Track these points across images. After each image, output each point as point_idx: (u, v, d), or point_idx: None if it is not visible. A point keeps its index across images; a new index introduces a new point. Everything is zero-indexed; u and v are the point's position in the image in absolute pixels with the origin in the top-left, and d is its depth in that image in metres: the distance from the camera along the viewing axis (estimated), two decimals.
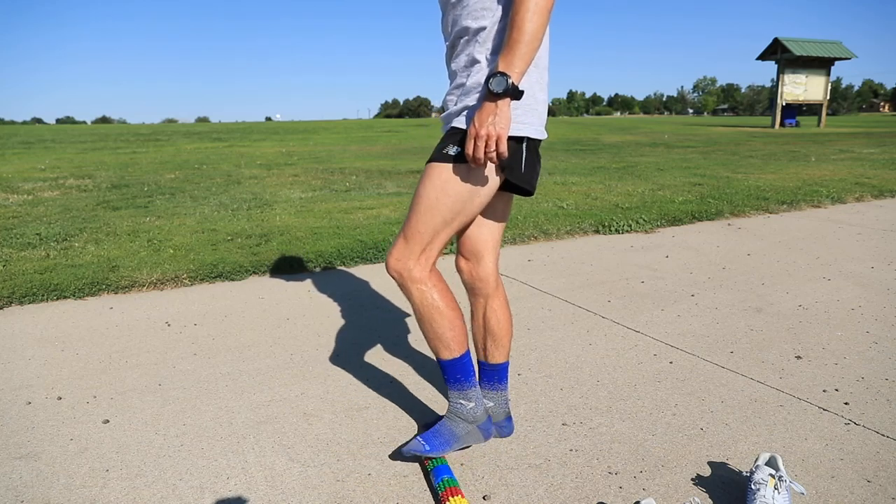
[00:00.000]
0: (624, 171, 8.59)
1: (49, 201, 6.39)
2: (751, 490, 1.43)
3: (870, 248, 4.09)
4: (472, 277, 1.68)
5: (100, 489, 1.58)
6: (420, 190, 1.49)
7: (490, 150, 1.35)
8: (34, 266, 3.63)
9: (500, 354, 1.73)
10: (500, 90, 1.30)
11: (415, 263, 1.51)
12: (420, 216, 1.48)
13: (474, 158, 1.37)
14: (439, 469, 1.57)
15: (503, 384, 1.76)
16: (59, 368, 2.33)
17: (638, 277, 3.48)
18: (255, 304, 3.10)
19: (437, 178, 1.46)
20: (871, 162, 9.55)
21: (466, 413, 1.63)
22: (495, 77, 1.31)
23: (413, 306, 1.55)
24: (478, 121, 1.34)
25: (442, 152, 1.47)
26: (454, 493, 1.48)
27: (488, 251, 1.67)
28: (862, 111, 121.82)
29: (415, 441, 1.62)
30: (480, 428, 1.65)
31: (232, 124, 63.33)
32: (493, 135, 1.33)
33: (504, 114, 1.33)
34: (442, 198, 1.46)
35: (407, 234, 1.51)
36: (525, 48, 1.32)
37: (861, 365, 2.27)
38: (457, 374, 1.60)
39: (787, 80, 24.99)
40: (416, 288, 1.52)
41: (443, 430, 1.63)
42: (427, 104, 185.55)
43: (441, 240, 1.51)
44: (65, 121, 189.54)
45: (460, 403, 1.63)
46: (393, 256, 1.53)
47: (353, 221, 4.96)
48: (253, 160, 11.49)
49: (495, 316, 1.70)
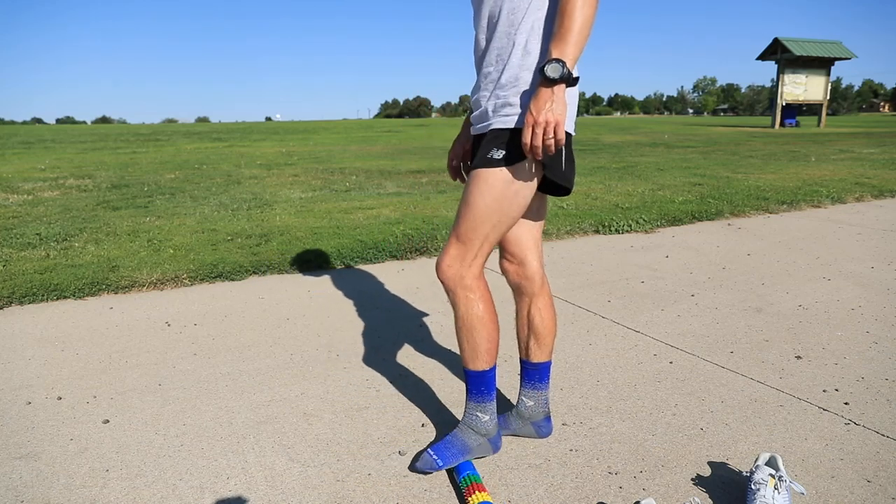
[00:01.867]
0: (624, 171, 8.59)
1: (49, 201, 6.39)
2: (751, 490, 1.43)
3: (870, 248, 4.09)
4: (519, 277, 1.69)
5: (100, 489, 1.58)
6: (468, 197, 1.49)
7: (549, 138, 1.34)
8: (34, 266, 3.63)
9: (542, 353, 1.73)
10: (557, 76, 1.30)
11: (467, 270, 1.52)
12: (470, 223, 1.49)
13: (532, 147, 1.36)
14: (463, 465, 1.58)
15: (544, 384, 1.76)
16: (59, 368, 2.33)
17: (638, 277, 3.48)
18: (255, 304, 3.10)
19: (485, 184, 1.46)
20: (871, 162, 9.55)
21: (481, 426, 1.63)
22: (551, 63, 1.30)
23: (456, 313, 1.56)
24: (535, 108, 1.33)
25: (487, 157, 1.46)
26: (478, 489, 1.49)
27: (531, 250, 1.68)
28: (862, 111, 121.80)
29: (426, 456, 1.62)
30: (491, 441, 1.66)
31: (232, 124, 63.34)
32: (551, 121, 1.32)
33: (561, 100, 1.33)
34: (491, 203, 1.46)
35: (458, 241, 1.51)
36: (578, 36, 1.32)
37: (861, 365, 2.27)
38: (481, 387, 1.61)
39: (787, 80, 24.98)
40: (465, 296, 1.53)
41: (455, 442, 1.64)
42: (427, 104, 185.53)
43: (490, 244, 1.52)
44: (65, 121, 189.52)
45: (476, 416, 1.63)
46: (444, 263, 1.53)
47: (353, 221, 4.96)
48: (253, 160, 11.49)
49: (539, 314, 1.71)
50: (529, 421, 1.76)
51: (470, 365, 1.59)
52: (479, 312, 1.54)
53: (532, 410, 1.75)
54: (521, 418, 1.76)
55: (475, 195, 1.47)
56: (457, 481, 1.56)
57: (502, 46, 1.45)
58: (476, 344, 1.56)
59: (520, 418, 1.76)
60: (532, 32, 1.42)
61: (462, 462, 1.60)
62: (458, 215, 1.52)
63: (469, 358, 1.59)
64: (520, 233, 1.66)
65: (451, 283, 1.53)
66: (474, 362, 1.58)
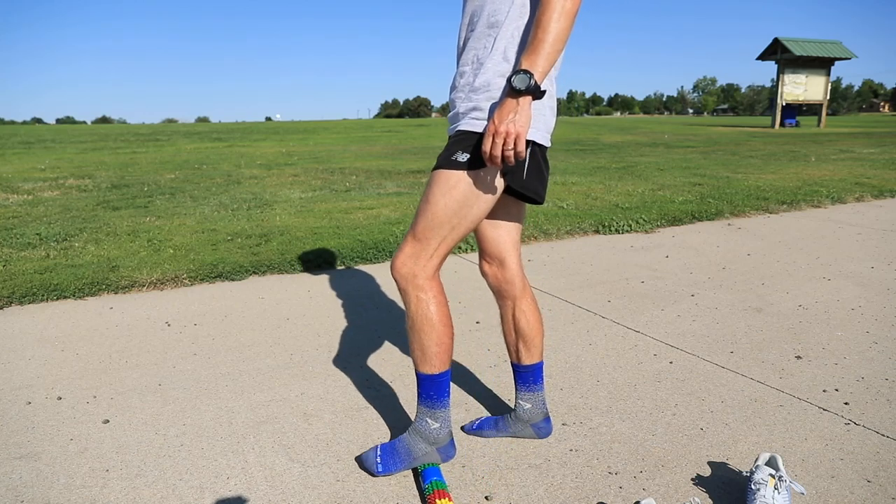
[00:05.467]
0: (624, 171, 8.59)
1: (49, 201, 6.39)
2: (751, 490, 1.43)
3: (870, 248, 4.09)
4: (498, 280, 1.68)
5: (100, 489, 1.58)
6: (428, 196, 1.48)
7: (508, 149, 1.33)
8: (34, 266, 3.63)
9: (532, 355, 1.72)
10: (523, 87, 1.29)
11: (421, 269, 1.50)
12: (428, 222, 1.47)
13: (491, 156, 1.35)
14: (428, 471, 1.56)
15: (538, 385, 1.75)
16: (59, 368, 2.33)
17: (638, 277, 3.48)
18: (255, 304, 3.10)
19: (445, 185, 1.45)
20: (871, 162, 9.55)
21: (430, 433, 1.60)
22: (518, 74, 1.29)
23: (407, 312, 1.55)
24: (498, 118, 1.32)
25: (451, 159, 1.45)
26: (441, 495, 1.47)
27: (509, 252, 1.67)
28: (862, 111, 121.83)
29: (371, 454, 1.62)
30: (440, 450, 1.61)
31: (232, 124, 63.31)
32: (512, 132, 1.31)
33: (525, 112, 1.32)
34: (451, 204, 1.45)
35: (414, 240, 1.50)
36: (550, 48, 1.31)
37: (861, 365, 2.27)
38: (430, 392, 1.58)
39: (787, 80, 24.99)
40: (417, 296, 1.51)
41: (400, 448, 1.62)
42: (427, 104, 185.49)
43: (447, 245, 1.51)
44: (65, 121, 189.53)
45: (426, 422, 1.60)
46: (399, 260, 1.52)
47: (353, 221, 4.96)
48: (253, 160, 11.49)
49: (524, 317, 1.69)
50: (529, 423, 1.75)
51: (419, 367, 1.57)
52: (429, 314, 1.52)
53: (531, 413, 1.75)
54: (520, 421, 1.76)
55: (437, 195, 1.46)
56: (422, 487, 1.54)
57: (480, 49, 1.44)
58: (424, 346, 1.54)
59: (519, 421, 1.76)
60: (511, 40, 1.41)
61: (430, 466, 1.58)
62: (418, 213, 1.50)
63: (418, 360, 1.56)
64: (499, 234, 1.65)
65: (404, 281, 1.52)
66: (423, 365, 1.56)
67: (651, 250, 4.15)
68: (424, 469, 1.58)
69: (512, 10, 1.41)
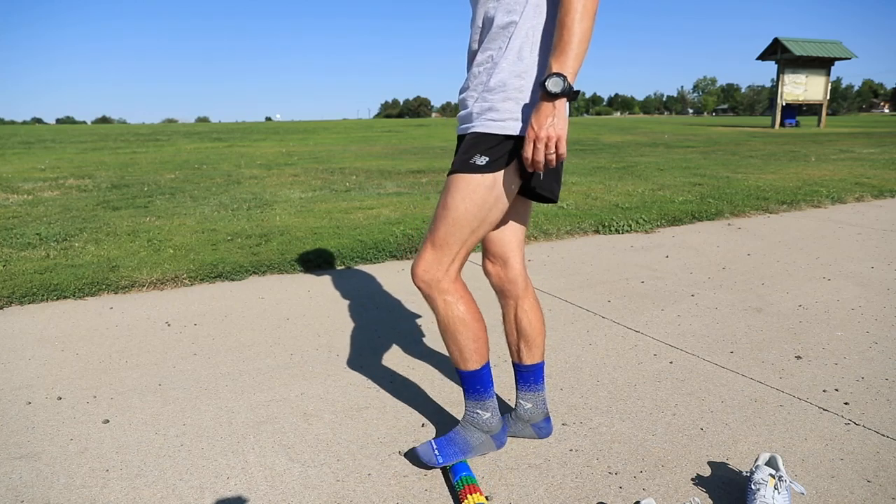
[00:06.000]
0: (624, 171, 8.59)
1: (49, 201, 6.39)
2: (751, 490, 1.43)
3: (870, 248, 4.09)
4: (501, 280, 1.69)
5: (100, 489, 1.58)
6: (447, 202, 1.47)
7: (550, 153, 1.33)
8: (34, 266, 3.63)
9: (534, 355, 1.73)
10: (558, 90, 1.30)
11: (444, 274, 1.51)
12: (447, 227, 1.47)
13: (534, 162, 1.35)
14: (458, 467, 1.58)
15: (540, 385, 1.75)
16: (59, 368, 2.33)
17: (638, 277, 3.48)
18: (255, 304, 3.10)
19: (465, 189, 1.44)
20: (871, 162, 9.55)
21: (483, 423, 1.63)
22: (552, 77, 1.30)
23: (437, 317, 1.55)
24: (536, 123, 1.33)
25: (469, 162, 1.44)
26: (472, 490, 1.48)
27: (513, 253, 1.67)
28: (862, 111, 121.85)
29: (427, 448, 1.62)
30: (494, 438, 1.66)
31: (232, 124, 63.28)
32: (553, 136, 1.32)
33: (562, 114, 1.32)
34: (471, 208, 1.45)
35: (434, 246, 1.49)
36: (577, 49, 1.31)
37: (861, 365, 2.27)
38: (476, 385, 1.61)
39: (787, 80, 24.98)
40: (443, 299, 1.52)
41: (457, 439, 1.63)
42: (427, 104, 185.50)
43: (467, 248, 1.51)
44: (65, 121, 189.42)
45: (477, 413, 1.63)
46: (420, 268, 1.52)
47: (353, 221, 4.96)
48: (253, 160, 11.49)
49: (526, 317, 1.70)
50: (529, 423, 1.76)
51: (461, 366, 1.59)
52: (459, 314, 1.53)
53: (531, 413, 1.75)
54: (520, 421, 1.76)
55: (456, 200, 1.45)
56: (452, 482, 1.55)
57: (495, 49, 1.44)
58: (462, 345, 1.55)
59: (519, 421, 1.76)
60: (527, 40, 1.41)
61: (458, 462, 1.60)
62: (436, 219, 1.50)
63: (458, 360, 1.58)
64: (504, 234, 1.65)
65: (428, 288, 1.52)
66: (465, 363, 1.58)
67: (651, 250, 4.15)
68: (453, 465, 1.59)
69: (527, 9, 1.40)
